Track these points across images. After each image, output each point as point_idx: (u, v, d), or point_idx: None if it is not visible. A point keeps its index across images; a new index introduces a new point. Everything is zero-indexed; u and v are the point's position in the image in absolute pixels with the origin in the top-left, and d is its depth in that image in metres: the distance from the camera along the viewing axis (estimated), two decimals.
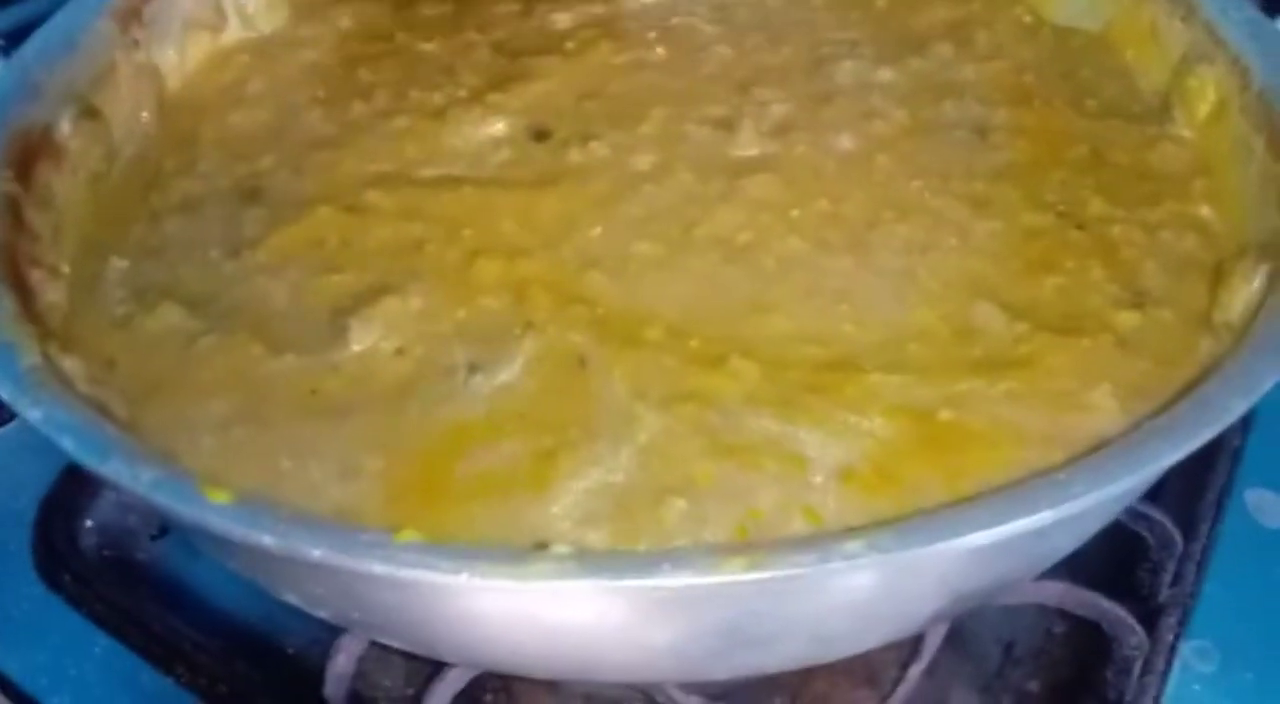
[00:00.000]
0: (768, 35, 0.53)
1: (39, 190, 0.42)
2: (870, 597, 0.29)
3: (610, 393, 0.36)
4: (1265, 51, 0.45)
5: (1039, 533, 0.28)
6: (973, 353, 0.39)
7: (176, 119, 0.51)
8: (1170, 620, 0.47)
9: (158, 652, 0.47)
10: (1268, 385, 0.31)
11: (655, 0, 0.56)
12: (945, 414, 0.36)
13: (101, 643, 0.48)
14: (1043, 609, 0.49)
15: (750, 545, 0.27)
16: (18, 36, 0.48)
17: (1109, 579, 0.48)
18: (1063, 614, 0.49)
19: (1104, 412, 0.36)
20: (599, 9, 0.56)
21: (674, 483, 0.33)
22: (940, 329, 0.39)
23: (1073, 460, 0.32)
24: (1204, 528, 0.50)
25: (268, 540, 0.26)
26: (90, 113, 0.46)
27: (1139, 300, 0.40)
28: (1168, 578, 0.48)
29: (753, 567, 0.25)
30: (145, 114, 0.50)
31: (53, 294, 0.40)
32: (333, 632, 0.44)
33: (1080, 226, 0.43)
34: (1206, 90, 0.47)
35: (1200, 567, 0.49)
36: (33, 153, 0.43)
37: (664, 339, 0.38)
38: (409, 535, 0.27)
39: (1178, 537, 0.49)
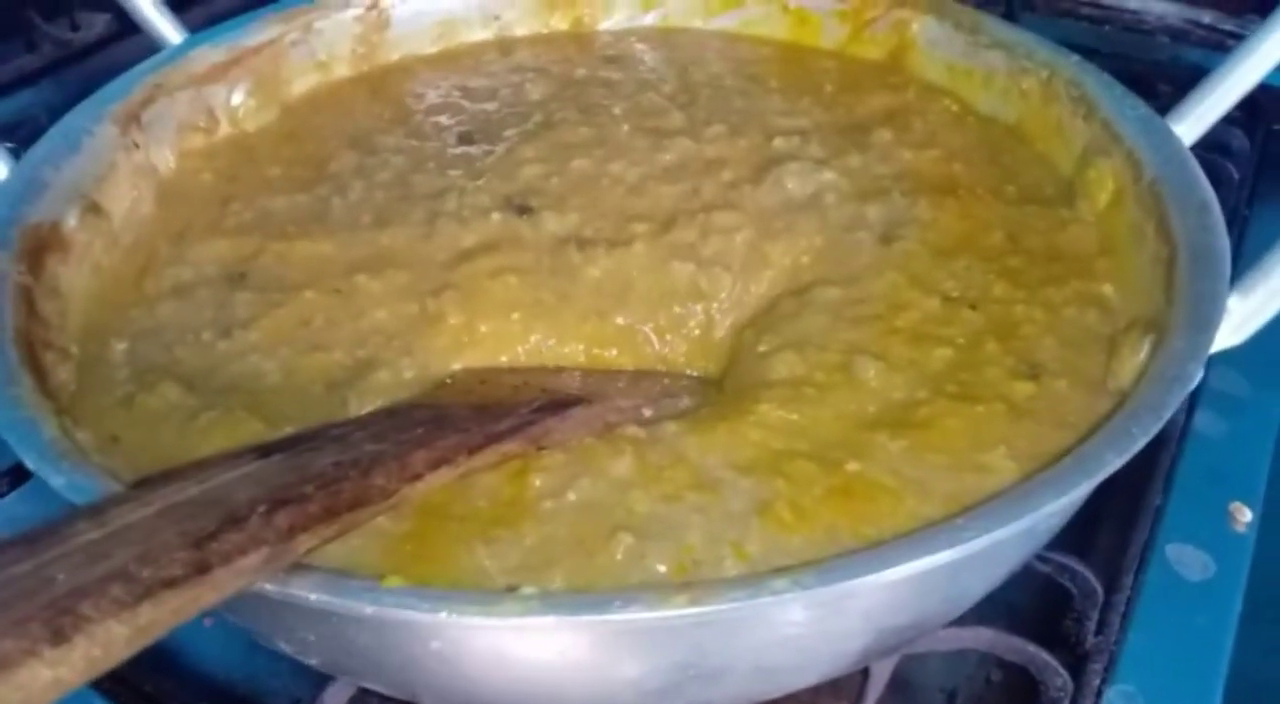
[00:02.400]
0: (728, 126, 0.58)
1: (48, 280, 0.46)
2: (803, 631, 0.33)
3: None
4: (1155, 146, 0.50)
5: (947, 573, 0.32)
6: (867, 410, 0.43)
7: (169, 210, 0.54)
8: (1096, 666, 0.50)
9: None
10: (1142, 441, 0.35)
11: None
12: (852, 465, 0.40)
13: (93, 703, 0.50)
14: (982, 658, 0.52)
15: (691, 584, 0.31)
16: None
17: (1039, 628, 0.51)
18: (1001, 663, 0.52)
19: (1002, 473, 0.39)
20: None
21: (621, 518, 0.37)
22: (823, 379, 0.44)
23: None
24: (1127, 580, 0.53)
25: (269, 587, 0.30)
26: (94, 209, 0.50)
27: (1034, 372, 0.44)
28: (1092, 627, 0.52)
29: (693, 602, 0.29)
30: (143, 207, 0.54)
31: (62, 374, 0.43)
32: (314, 692, 0.47)
33: (973, 307, 0.47)
34: (1105, 180, 0.52)
35: (1125, 616, 0.52)
36: (42, 246, 0.47)
37: None
38: (394, 581, 0.31)
39: (1099, 588, 0.52)
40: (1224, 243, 0.44)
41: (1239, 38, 0.89)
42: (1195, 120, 0.53)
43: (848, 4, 0.65)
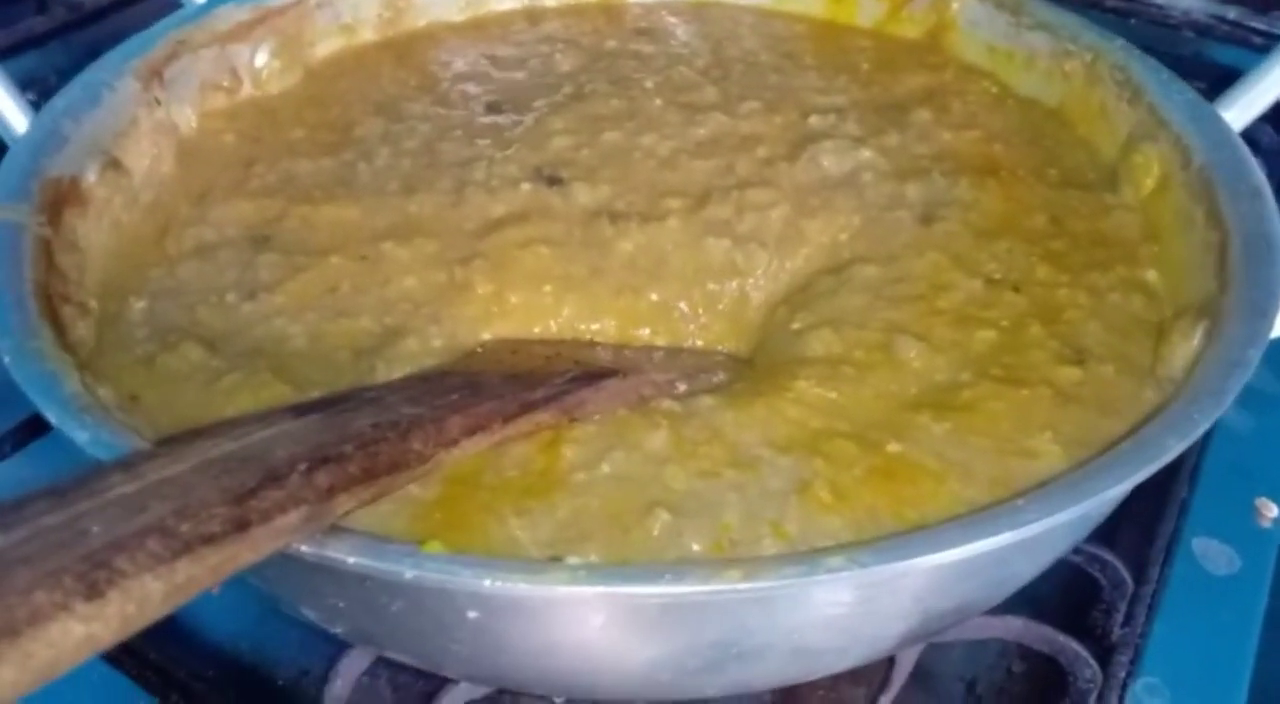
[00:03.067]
0: (762, 103, 0.57)
1: (66, 234, 0.45)
2: (849, 612, 0.32)
3: None
4: (1204, 132, 0.49)
5: (1000, 557, 0.31)
6: (909, 390, 0.42)
7: (190, 169, 0.53)
8: (1122, 658, 0.49)
9: (154, 681, 0.48)
10: (1202, 427, 0.34)
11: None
12: (893, 446, 0.39)
13: (99, 670, 0.49)
14: (1004, 648, 0.51)
15: (742, 559, 0.30)
16: None
17: (1066, 618, 0.50)
18: (1022, 654, 0.51)
19: (1048, 458, 0.38)
20: None
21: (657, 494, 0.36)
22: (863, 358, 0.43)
23: None
24: (1154, 572, 0.53)
25: (305, 549, 0.29)
26: (114, 164, 0.49)
27: (1080, 357, 0.43)
28: (1120, 618, 0.51)
29: (747, 577, 0.28)
30: (163, 166, 0.52)
31: (81, 330, 0.42)
32: (322, 664, 0.46)
33: (1016, 290, 0.46)
34: (1151, 166, 0.51)
35: (1151, 609, 0.52)
36: (61, 200, 0.46)
37: None
38: (435, 546, 0.30)
39: (1129, 579, 0.51)
40: (1278, 227, 0.43)
41: (1266, 35, 0.89)
42: (1240, 110, 0.52)
43: None
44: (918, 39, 0.63)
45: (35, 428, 0.53)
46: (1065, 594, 0.52)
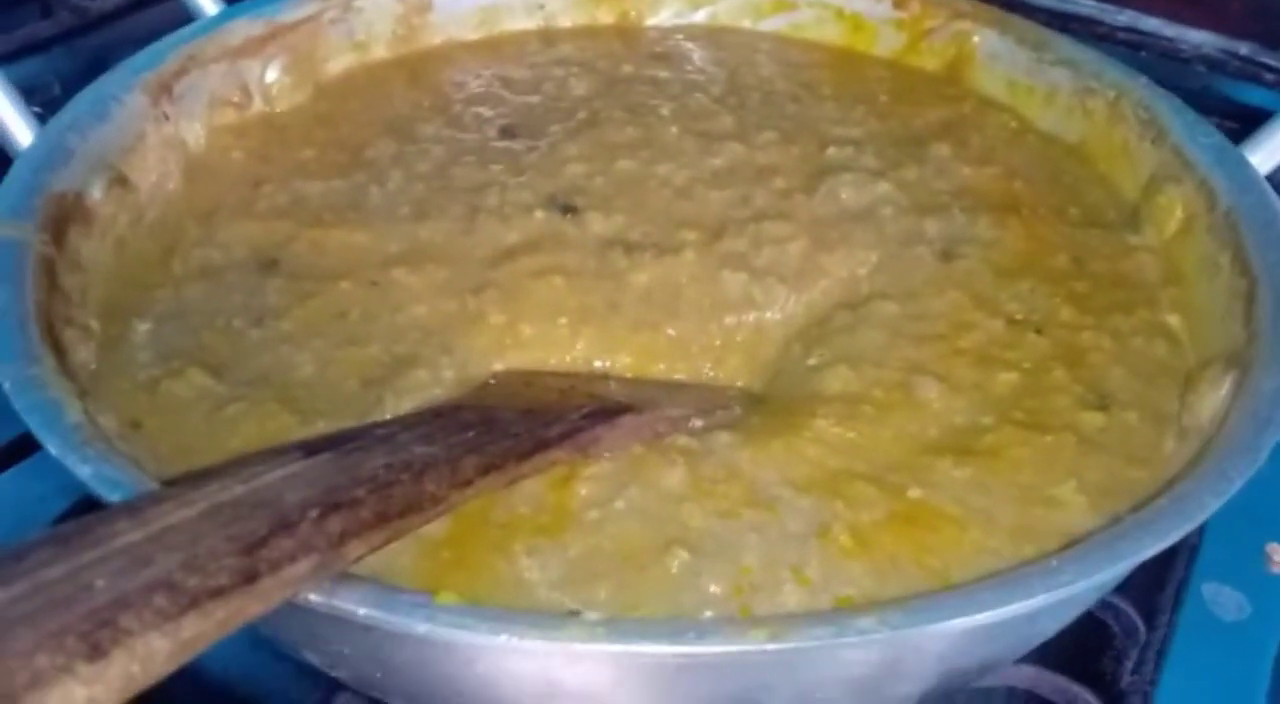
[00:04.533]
0: (779, 133, 0.56)
1: (69, 253, 0.44)
2: (873, 671, 0.31)
3: None
4: (1230, 175, 0.49)
5: (1030, 617, 0.30)
6: (929, 432, 0.41)
7: (197, 188, 0.52)
8: None
9: None
10: (1239, 484, 0.33)
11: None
12: (915, 492, 0.38)
13: None
14: (1010, 693, 0.50)
15: (768, 617, 0.29)
16: None
17: (1076, 664, 0.49)
18: (1029, 698, 0.50)
19: (1071, 507, 0.38)
20: None
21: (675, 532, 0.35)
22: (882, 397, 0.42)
23: (1043, 553, 0.35)
24: (1164, 619, 0.52)
25: (314, 598, 0.28)
26: (120, 181, 0.48)
27: (1104, 403, 0.42)
28: (1130, 665, 0.50)
29: (773, 638, 0.27)
30: (171, 183, 0.51)
31: (83, 353, 0.41)
32: (316, 694, 0.45)
33: (1039, 331, 0.46)
34: (1175, 208, 0.50)
35: (1160, 655, 0.51)
36: (65, 217, 0.44)
37: None
38: (448, 597, 0.29)
39: (1141, 626, 0.51)
40: None
41: (1275, 70, 0.88)
42: (1267, 154, 0.51)
43: (906, 12, 0.63)
44: (936, 71, 0.63)
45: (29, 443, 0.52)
46: (1076, 640, 0.51)
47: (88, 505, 0.52)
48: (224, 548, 0.24)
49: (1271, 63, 0.96)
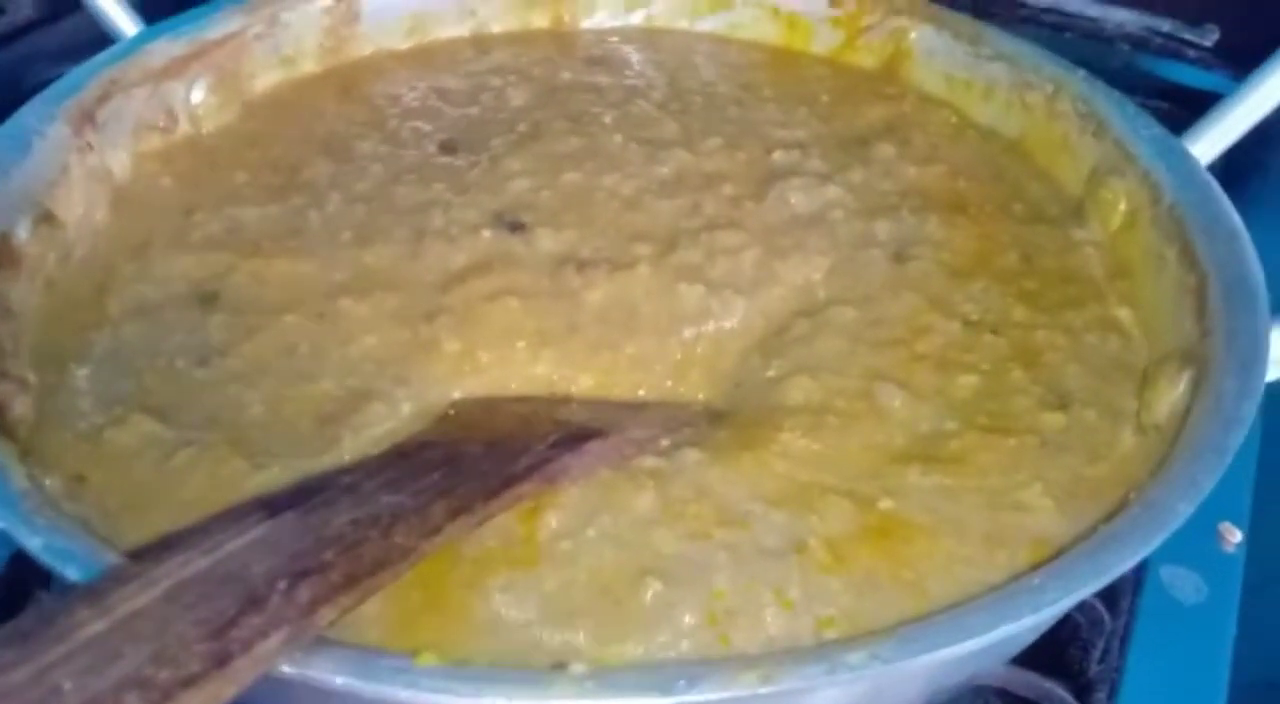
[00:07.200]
0: (724, 138, 0.56)
1: None
2: (860, 698, 0.31)
3: None
4: (1173, 168, 0.49)
5: (1016, 634, 0.30)
6: (895, 441, 0.41)
7: (127, 220, 0.50)
8: (1100, 695, 0.49)
9: None
10: (1209, 487, 0.34)
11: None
12: (885, 503, 0.38)
13: None
14: (978, 690, 0.51)
15: (760, 658, 0.28)
16: None
17: (1045, 659, 0.50)
18: (1000, 694, 0.51)
19: (1039, 511, 0.38)
20: None
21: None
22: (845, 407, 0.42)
23: (1015, 559, 0.35)
24: (1124, 604, 0.53)
25: (287, 670, 0.27)
26: (47, 218, 0.46)
27: (1063, 402, 0.43)
28: (1096, 655, 0.51)
29: (765, 680, 0.27)
30: (98, 215, 0.49)
31: (19, 407, 0.39)
32: None
33: (994, 332, 0.46)
34: (1118, 202, 0.50)
35: (1123, 641, 0.52)
36: None
37: None
38: (428, 659, 0.28)
39: (1107, 617, 0.51)
40: (1259, 273, 0.42)
41: (1197, 47, 0.89)
42: (1208, 144, 0.52)
43: (842, 10, 0.62)
44: (875, 68, 0.63)
45: None
46: (1044, 634, 0.51)
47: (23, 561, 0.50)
48: (193, 634, 0.23)
49: (1193, 39, 0.97)
